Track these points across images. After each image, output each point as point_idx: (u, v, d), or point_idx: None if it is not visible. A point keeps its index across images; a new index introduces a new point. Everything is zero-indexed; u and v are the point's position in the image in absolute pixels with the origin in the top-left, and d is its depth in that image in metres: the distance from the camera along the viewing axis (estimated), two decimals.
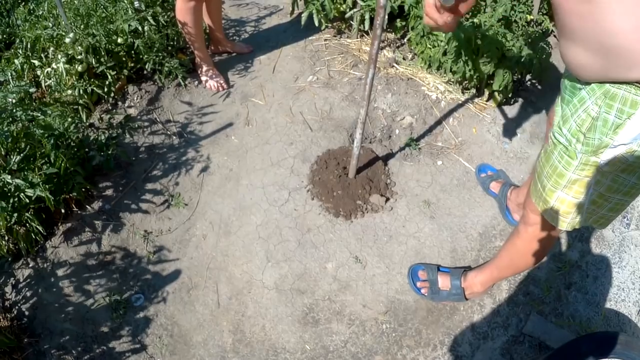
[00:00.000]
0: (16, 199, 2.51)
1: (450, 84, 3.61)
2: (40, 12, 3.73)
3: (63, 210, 2.86)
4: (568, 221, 1.75)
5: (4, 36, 3.78)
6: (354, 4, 3.61)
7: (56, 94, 3.19)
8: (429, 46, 3.40)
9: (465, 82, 3.53)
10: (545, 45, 3.24)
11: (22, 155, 2.55)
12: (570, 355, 2.13)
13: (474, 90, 3.60)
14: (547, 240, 2.01)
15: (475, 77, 3.27)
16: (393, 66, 3.68)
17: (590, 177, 1.57)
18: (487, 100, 3.57)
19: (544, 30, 3.69)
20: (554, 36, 3.82)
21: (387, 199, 3.00)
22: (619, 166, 1.48)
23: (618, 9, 1.23)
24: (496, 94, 3.44)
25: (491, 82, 3.34)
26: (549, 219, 1.80)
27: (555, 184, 1.67)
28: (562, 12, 1.37)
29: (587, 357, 2.11)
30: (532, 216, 1.93)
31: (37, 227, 2.62)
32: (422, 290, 2.66)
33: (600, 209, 1.67)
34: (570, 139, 1.54)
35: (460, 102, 3.54)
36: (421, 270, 2.71)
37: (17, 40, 3.47)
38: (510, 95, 3.45)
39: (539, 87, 3.74)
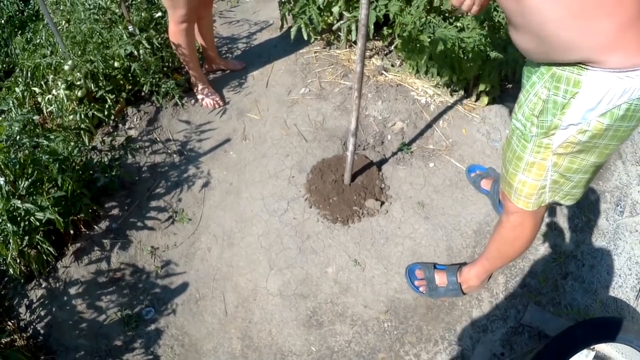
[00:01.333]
0: (26, 223, 2.57)
1: (439, 88, 3.66)
2: (38, 41, 3.79)
3: (72, 231, 2.93)
4: (532, 201, 1.83)
5: (3, 65, 3.84)
6: (341, 16, 3.66)
7: (58, 119, 3.27)
8: (416, 52, 3.44)
9: (453, 84, 3.59)
10: None
11: (30, 180, 2.62)
12: (567, 341, 2.17)
13: (462, 92, 3.64)
14: (530, 226, 2.06)
15: (462, 79, 3.33)
16: (382, 74, 3.75)
17: (546, 160, 1.63)
18: (475, 101, 3.61)
19: None
20: None
21: (382, 203, 3.07)
22: (573, 147, 1.54)
23: (547, 2, 1.32)
24: (483, 94, 3.49)
25: (478, 83, 3.40)
26: (515, 202, 1.88)
27: (516, 167, 1.75)
28: (503, 8, 1.47)
29: (583, 343, 2.16)
30: (511, 205, 1.98)
31: (48, 248, 2.68)
32: (421, 289, 2.72)
33: (563, 187, 1.75)
34: (525, 123, 1.62)
35: (449, 104, 3.59)
36: (418, 269, 2.77)
37: (17, 69, 3.53)
38: (498, 95, 3.51)
39: None
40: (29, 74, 3.37)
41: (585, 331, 2.20)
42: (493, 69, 3.20)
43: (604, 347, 2.28)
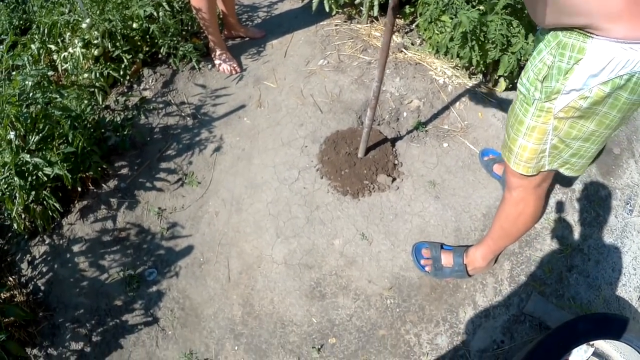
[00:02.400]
0: (34, 178, 2.57)
1: (458, 69, 3.63)
2: None
3: (79, 189, 2.94)
4: (532, 166, 1.84)
5: (20, 22, 3.83)
6: None
7: (73, 77, 3.25)
8: (437, 32, 3.43)
9: (472, 67, 3.55)
10: None
11: (40, 135, 2.61)
12: (568, 334, 2.16)
13: (480, 76, 3.62)
14: (533, 202, 2.08)
15: (481, 62, 3.31)
16: (402, 51, 3.72)
17: (547, 124, 1.65)
18: (493, 86, 3.59)
19: None
20: None
21: (394, 179, 3.05)
22: (574, 112, 1.56)
23: None
24: (502, 79, 3.46)
25: (497, 67, 3.38)
26: (515, 167, 1.88)
27: (517, 132, 1.76)
28: None
29: (584, 337, 2.15)
30: (513, 180, 2.01)
31: (54, 204, 2.67)
32: (426, 268, 2.71)
33: (562, 153, 1.76)
34: (529, 88, 1.63)
35: (467, 86, 3.56)
36: (425, 248, 2.76)
37: (34, 26, 3.52)
38: (515, 81, 3.47)
39: None
40: (45, 31, 3.34)
41: (587, 326, 2.19)
42: (513, 55, 3.17)
43: (602, 344, 2.28)
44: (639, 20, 1.29)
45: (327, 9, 3.65)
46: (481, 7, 3.22)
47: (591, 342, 2.21)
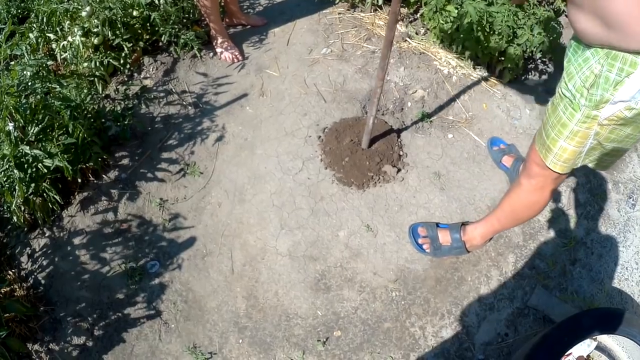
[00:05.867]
0: (34, 170, 2.53)
1: (462, 60, 3.61)
2: None
3: (80, 180, 2.89)
4: (568, 165, 1.89)
5: (18, 11, 3.77)
6: None
7: (72, 66, 3.21)
8: (442, 22, 3.41)
9: (477, 58, 3.54)
10: (556, 25, 3.25)
11: (40, 126, 2.57)
12: (571, 329, 2.16)
13: (485, 67, 3.61)
14: (549, 191, 2.12)
15: (486, 53, 3.29)
16: (406, 40, 3.69)
17: (591, 129, 1.70)
18: (497, 77, 3.57)
19: (555, 9, 3.69)
20: (565, 16, 3.82)
21: (399, 170, 3.03)
22: (617, 121, 1.61)
23: None
24: (506, 70, 3.45)
25: (502, 59, 3.36)
26: (552, 166, 1.91)
27: (559, 134, 1.79)
28: None
29: (588, 332, 2.16)
30: (535, 169, 2.04)
31: (55, 196, 2.64)
32: (424, 247, 2.73)
33: (596, 151, 1.83)
34: (574, 94, 1.66)
35: (471, 77, 3.54)
36: (420, 227, 2.77)
37: (32, 15, 3.47)
38: (520, 73, 3.47)
39: (549, 65, 3.75)
40: (44, 20, 3.29)
41: (592, 320, 2.20)
42: (518, 47, 3.16)
43: (605, 338, 2.31)
44: None
45: None
46: None
47: (594, 337, 2.25)
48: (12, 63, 2.88)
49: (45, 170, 2.54)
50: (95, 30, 3.19)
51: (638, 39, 1.38)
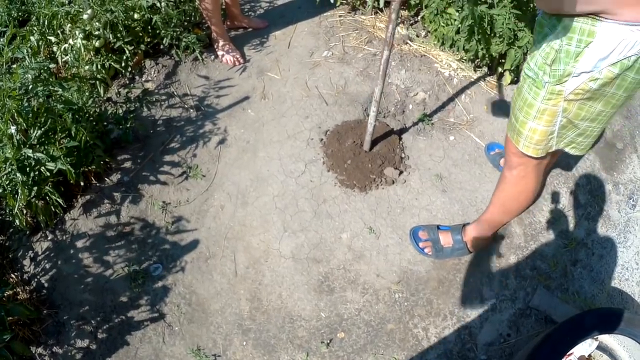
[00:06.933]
0: (36, 173, 2.53)
1: (463, 62, 3.62)
2: None
3: (82, 183, 2.90)
4: (541, 147, 1.88)
5: (19, 13, 3.77)
6: None
7: (73, 69, 3.20)
8: (443, 24, 3.41)
9: (478, 60, 3.54)
10: None
11: (42, 129, 2.56)
12: (573, 329, 2.17)
13: (485, 69, 3.60)
14: (533, 179, 2.13)
15: (487, 56, 3.30)
16: (407, 43, 3.69)
17: (557, 106, 1.69)
18: (498, 79, 3.58)
19: None
20: None
21: (401, 172, 3.04)
22: (583, 94, 1.60)
23: None
24: (507, 73, 3.45)
25: (503, 61, 3.37)
26: (525, 150, 1.91)
27: (527, 115, 1.80)
28: None
29: (590, 332, 2.17)
30: (514, 159, 2.06)
31: (57, 199, 2.64)
32: (426, 250, 2.74)
33: (569, 132, 1.81)
34: (537, 72, 1.67)
35: (472, 79, 3.55)
36: (421, 231, 2.78)
37: (33, 18, 3.46)
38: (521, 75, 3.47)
39: None
40: (45, 23, 3.29)
41: (593, 320, 2.20)
42: (520, 49, 3.17)
43: (606, 338, 2.32)
44: None
45: (331, 0, 3.61)
46: (488, 0, 3.20)
47: (595, 336, 2.25)
48: (14, 66, 2.88)
49: (48, 174, 2.54)
50: (96, 33, 3.19)
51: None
